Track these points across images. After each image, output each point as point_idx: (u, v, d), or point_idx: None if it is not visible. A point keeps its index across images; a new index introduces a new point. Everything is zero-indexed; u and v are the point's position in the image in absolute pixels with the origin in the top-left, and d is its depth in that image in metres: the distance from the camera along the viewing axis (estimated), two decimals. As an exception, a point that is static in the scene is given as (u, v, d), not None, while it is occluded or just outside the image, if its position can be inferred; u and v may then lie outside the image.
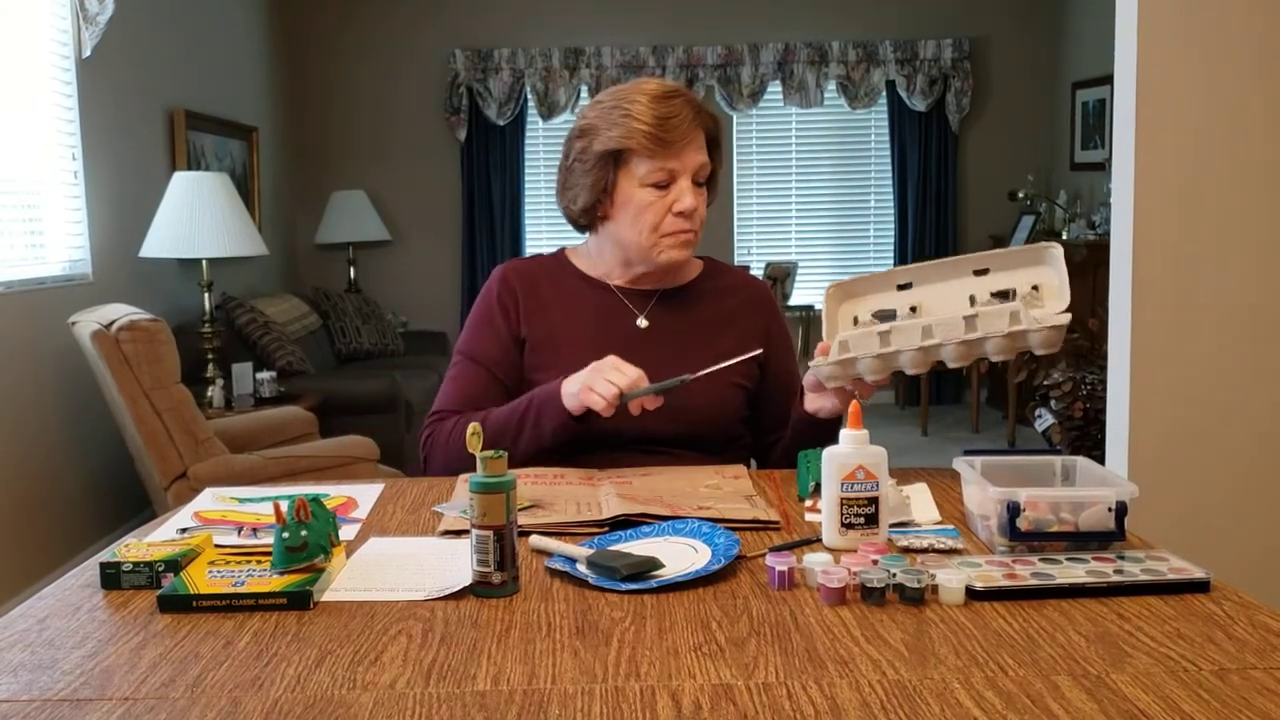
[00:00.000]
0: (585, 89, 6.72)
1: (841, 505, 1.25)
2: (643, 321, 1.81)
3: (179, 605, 1.12)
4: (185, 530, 1.38)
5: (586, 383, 1.59)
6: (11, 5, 3.66)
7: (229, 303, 4.93)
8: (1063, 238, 6.05)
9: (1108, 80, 5.70)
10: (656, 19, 6.77)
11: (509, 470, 1.17)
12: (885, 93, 6.81)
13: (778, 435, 1.81)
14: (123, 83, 4.41)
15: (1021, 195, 6.38)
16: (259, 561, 1.21)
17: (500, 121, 6.72)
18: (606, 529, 1.35)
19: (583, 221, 1.81)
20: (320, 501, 1.22)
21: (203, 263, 4.32)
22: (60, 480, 3.85)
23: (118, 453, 3.90)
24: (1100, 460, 2.48)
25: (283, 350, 4.88)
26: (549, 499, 1.45)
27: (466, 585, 1.15)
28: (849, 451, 1.26)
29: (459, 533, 1.34)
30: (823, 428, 1.65)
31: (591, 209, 1.76)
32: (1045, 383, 4.61)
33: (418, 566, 1.23)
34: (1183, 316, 2.38)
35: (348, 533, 1.36)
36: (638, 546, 1.26)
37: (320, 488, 1.60)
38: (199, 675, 0.96)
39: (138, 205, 4.42)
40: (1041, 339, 1.44)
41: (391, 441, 4.50)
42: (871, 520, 1.25)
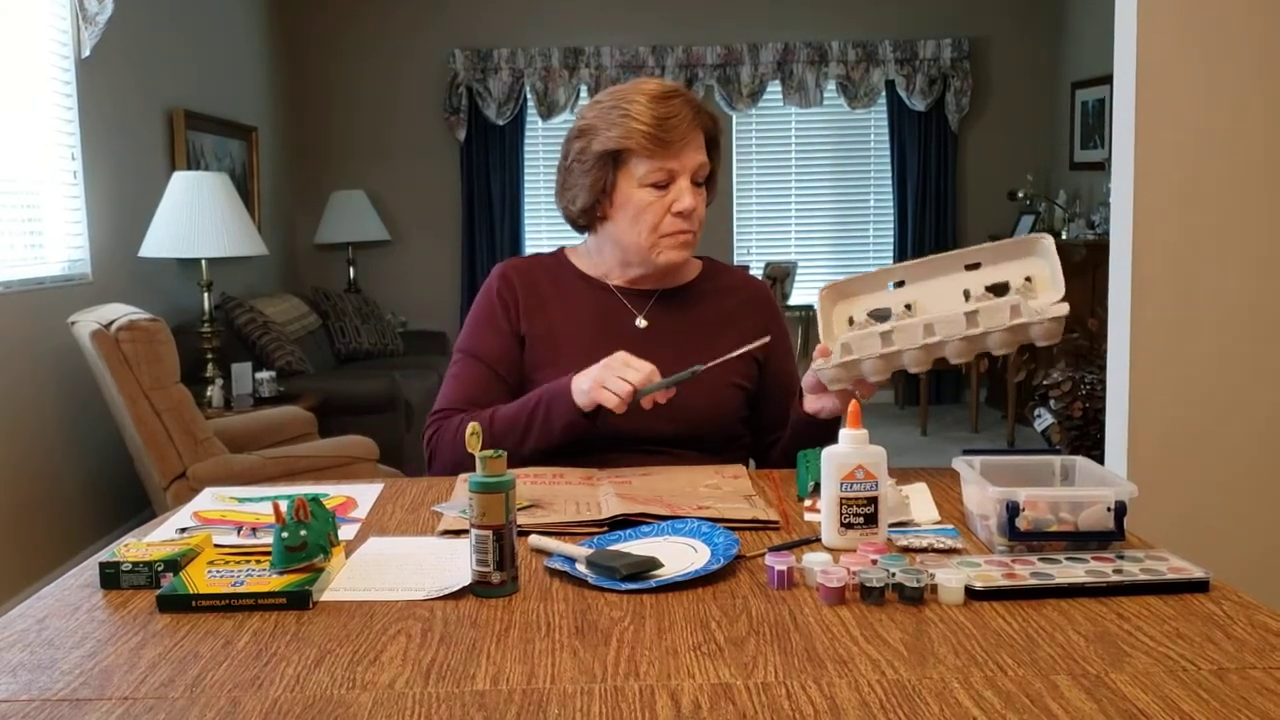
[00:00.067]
0: (585, 89, 6.72)
1: (841, 505, 1.25)
2: (642, 321, 1.81)
3: (178, 605, 1.12)
4: (184, 530, 1.38)
5: (599, 380, 1.58)
6: (11, 5, 3.65)
7: (228, 303, 4.93)
8: (1062, 237, 6.05)
9: (1107, 80, 5.70)
10: (656, 19, 6.77)
11: (508, 470, 1.17)
12: (885, 92, 6.81)
13: (777, 435, 1.81)
14: (122, 83, 4.41)
15: (1021, 195, 6.38)
16: (258, 561, 1.21)
17: (500, 121, 6.72)
18: (606, 529, 1.35)
19: (582, 222, 1.81)
20: (319, 501, 1.22)
21: (202, 263, 4.32)
22: (60, 480, 3.85)
23: (117, 453, 3.89)
24: (1099, 460, 2.48)
25: (282, 350, 4.88)
26: (548, 499, 1.45)
27: (466, 585, 1.15)
28: (848, 451, 1.26)
29: (458, 532, 1.34)
30: (823, 428, 1.65)
31: (590, 209, 1.76)
32: (1045, 382, 4.61)
33: (417, 566, 1.23)
34: (1182, 316, 2.38)
35: (347, 532, 1.36)
36: (637, 546, 1.26)
37: (319, 487, 1.60)
38: (198, 675, 0.96)
39: (137, 205, 4.42)
40: (1043, 331, 1.45)
41: (391, 441, 4.50)
42: (871, 520, 1.25)
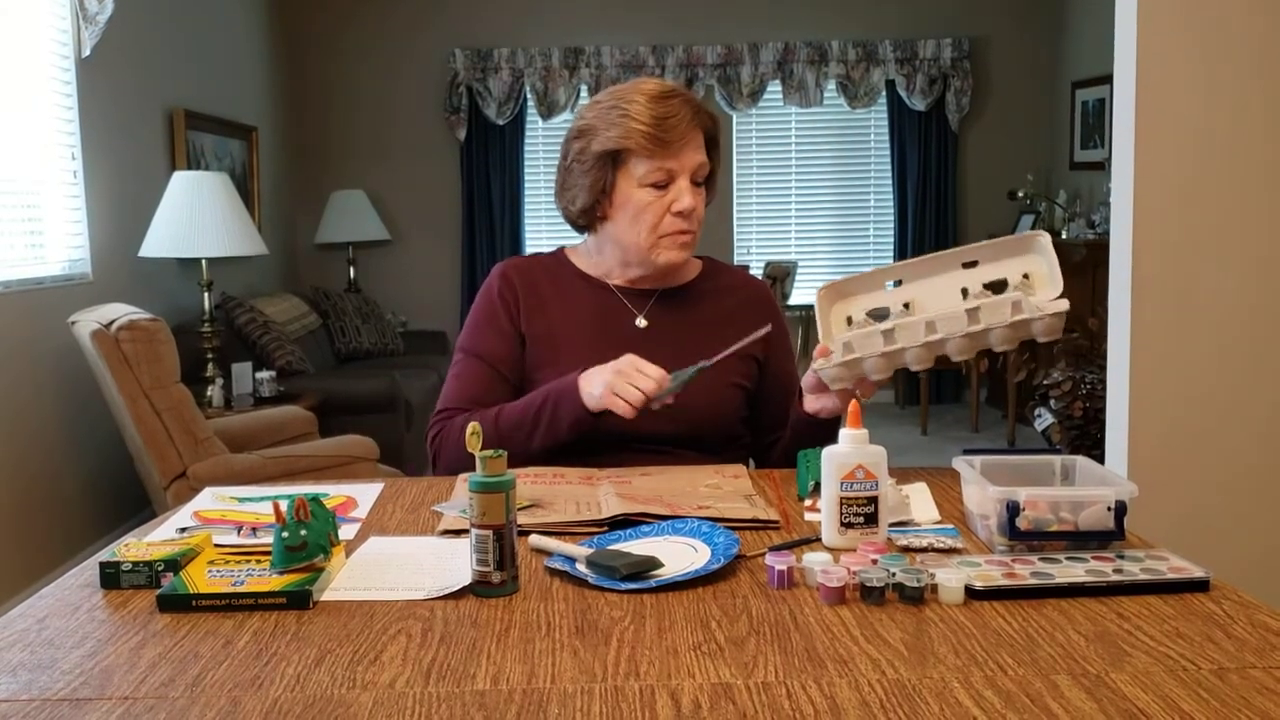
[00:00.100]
0: (585, 88, 6.72)
1: (841, 504, 1.25)
2: (642, 321, 1.81)
3: (178, 605, 1.12)
4: (185, 530, 1.38)
5: (611, 386, 1.58)
6: (11, 5, 3.65)
7: (229, 302, 4.93)
8: (1062, 237, 6.05)
9: (1107, 80, 5.70)
10: (656, 18, 6.77)
11: (508, 470, 1.17)
12: (885, 92, 6.81)
13: (777, 435, 1.81)
14: (122, 82, 4.41)
15: (1021, 195, 6.38)
16: (258, 561, 1.21)
17: (500, 121, 6.72)
18: (606, 528, 1.35)
19: (582, 222, 1.81)
20: (320, 501, 1.22)
21: (202, 262, 4.32)
22: (60, 480, 3.85)
23: (117, 452, 3.89)
24: (1100, 460, 2.48)
25: (282, 350, 4.88)
26: (548, 499, 1.45)
27: (466, 585, 1.15)
28: (848, 451, 1.26)
29: (458, 532, 1.34)
30: (823, 428, 1.65)
31: (590, 210, 1.76)
32: (1045, 382, 4.61)
33: (417, 566, 1.23)
34: (1182, 316, 2.38)
35: (347, 532, 1.36)
36: (637, 546, 1.26)
37: (320, 487, 1.60)
38: (198, 675, 0.96)
39: (137, 205, 4.42)
40: (1044, 326, 1.45)
41: (391, 441, 4.50)
42: (871, 520, 1.25)
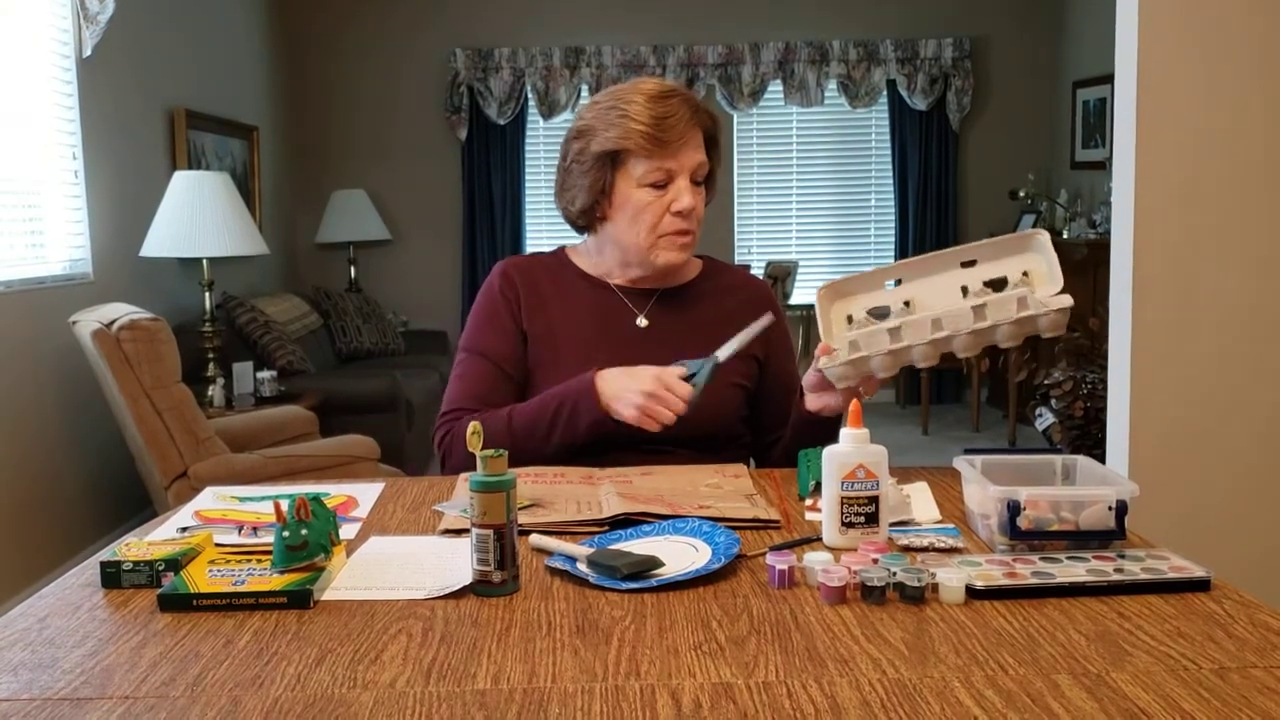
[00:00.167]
0: (585, 88, 6.72)
1: (842, 504, 1.25)
2: (642, 321, 1.81)
3: (179, 604, 1.12)
4: (186, 529, 1.38)
5: (643, 409, 1.60)
6: (11, 5, 3.66)
7: (229, 302, 4.93)
8: (1063, 236, 6.05)
9: (1108, 79, 5.69)
10: (657, 18, 6.77)
11: (509, 469, 1.17)
12: (886, 92, 6.80)
13: (777, 435, 1.81)
14: (123, 82, 4.41)
15: (1022, 194, 6.38)
16: (259, 560, 1.21)
17: (501, 121, 6.72)
18: (607, 528, 1.35)
19: (581, 222, 1.81)
20: (320, 500, 1.22)
21: (203, 262, 4.32)
22: (60, 480, 3.85)
23: (118, 452, 3.90)
24: (1101, 459, 2.47)
25: (283, 349, 4.88)
26: (549, 498, 1.45)
27: (467, 584, 1.15)
28: (849, 450, 1.26)
29: (459, 532, 1.34)
30: (825, 426, 1.65)
31: (590, 210, 1.76)
32: (1046, 382, 4.61)
33: (418, 565, 1.23)
34: (1183, 316, 2.38)
35: (348, 532, 1.36)
36: (638, 545, 1.26)
37: (320, 487, 1.60)
38: (199, 674, 0.96)
39: (138, 204, 4.42)
40: (1049, 322, 1.47)
41: (392, 441, 4.50)
42: (872, 519, 1.25)
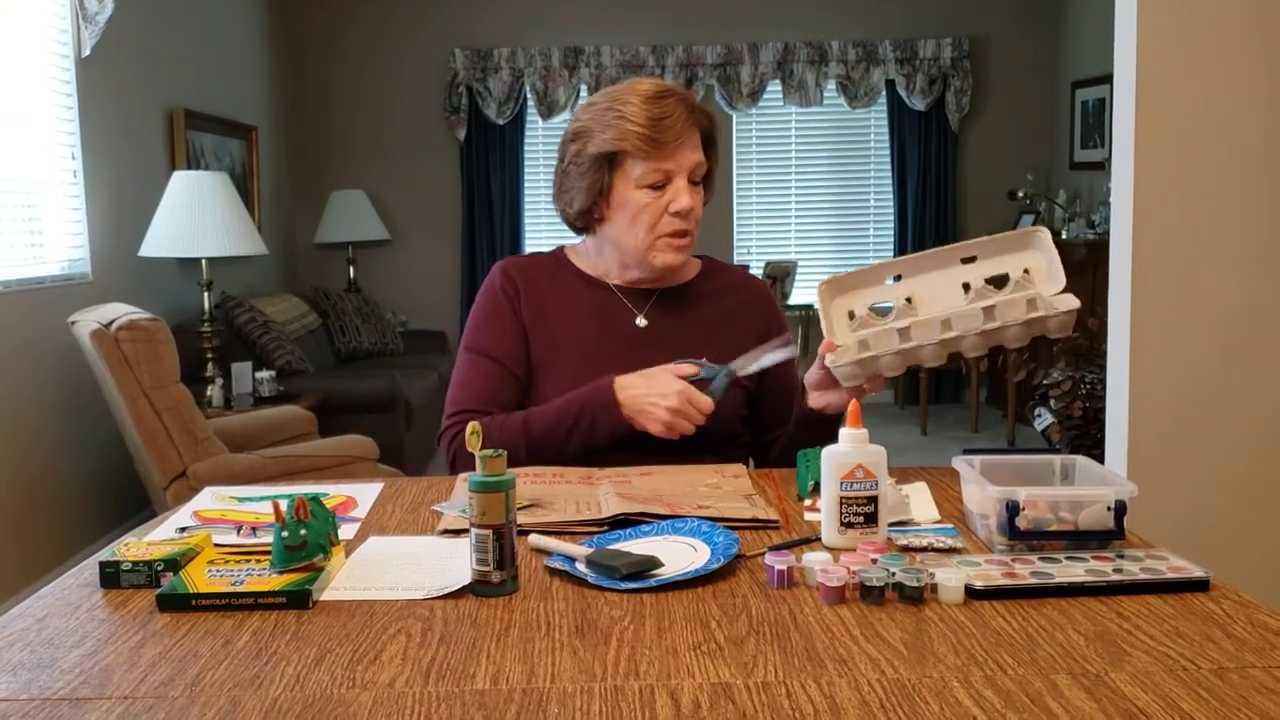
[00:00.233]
0: (585, 88, 6.72)
1: (841, 504, 1.25)
2: (642, 321, 1.81)
3: (178, 604, 1.12)
4: (184, 529, 1.38)
5: (669, 426, 1.62)
6: (11, 5, 3.65)
7: (228, 302, 4.93)
8: (1062, 236, 6.05)
9: (1107, 79, 5.70)
10: (656, 18, 6.77)
11: (508, 469, 1.17)
12: (885, 92, 6.81)
13: (777, 434, 1.81)
14: (122, 82, 4.41)
15: (1021, 194, 6.38)
16: (258, 561, 1.21)
17: (500, 121, 6.72)
18: (606, 528, 1.35)
19: (580, 224, 1.81)
20: (319, 500, 1.22)
21: (202, 262, 4.32)
22: (60, 480, 3.85)
23: (117, 452, 3.89)
24: (1100, 459, 2.47)
25: (282, 349, 4.88)
26: (548, 498, 1.45)
27: (466, 584, 1.15)
28: (848, 450, 1.26)
29: (458, 532, 1.34)
30: (828, 424, 1.65)
31: (588, 212, 1.76)
32: (1045, 382, 4.61)
33: (417, 565, 1.23)
34: (1182, 316, 2.38)
35: (347, 532, 1.36)
36: (637, 545, 1.26)
37: (319, 487, 1.60)
38: (198, 674, 0.96)
39: (137, 204, 4.42)
40: (1058, 323, 1.47)
41: (391, 441, 4.50)
42: (871, 519, 1.25)
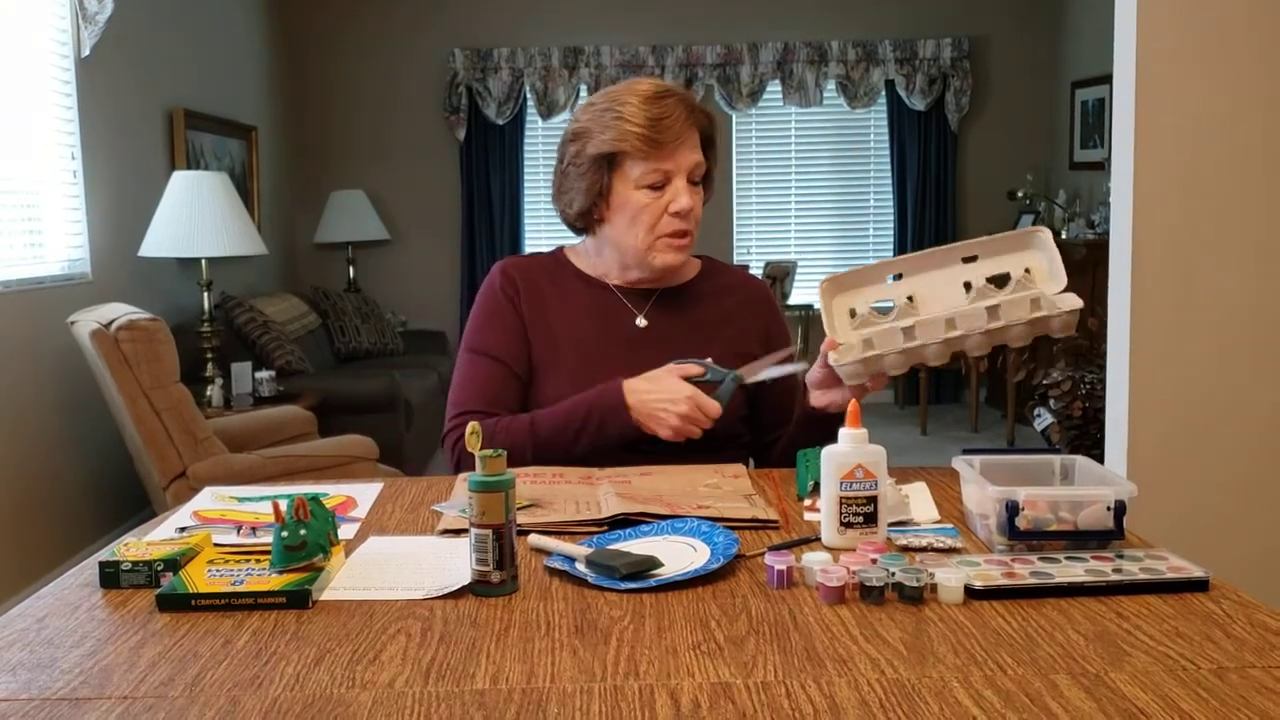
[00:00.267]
0: (584, 88, 6.72)
1: (840, 504, 1.25)
2: (642, 321, 1.81)
3: (178, 604, 1.12)
4: (184, 529, 1.38)
5: (678, 431, 1.64)
6: (11, 5, 3.65)
7: (228, 302, 4.93)
8: (1062, 237, 6.05)
9: (1107, 79, 5.69)
10: (656, 18, 6.77)
11: (508, 469, 1.17)
12: (884, 92, 6.81)
13: (777, 434, 1.81)
14: (122, 82, 4.41)
15: (1021, 194, 6.38)
16: (258, 560, 1.21)
17: (499, 121, 6.72)
18: (605, 528, 1.35)
19: (579, 225, 1.81)
20: (319, 500, 1.22)
21: (202, 262, 4.32)
22: (60, 480, 3.85)
23: (117, 452, 3.89)
24: (1099, 459, 2.47)
25: (282, 349, 4.88)
26: (548, 498, 1.45)
27: (465, 584, 1.15)
28: (848, 450, 1.26)
29: (458, 532, 1.34)
30: (831, 422, 1.65)
31: (588, 213, 1.76)
32: (1044, 382, 4.61)
33: (417, 565, 1.23)
34: (1182, 316, 2.38)
35: (347, 532, 1.36)
36: (637, 545, 1.26)
37: (319, 487, 1.60)
38: (198, 674, 0.96)
39: (137, 204, 4.42)
40: (1061, 323, 1.48)
41: (390, 441, 4.50)
42: (870, 519, 1.25)
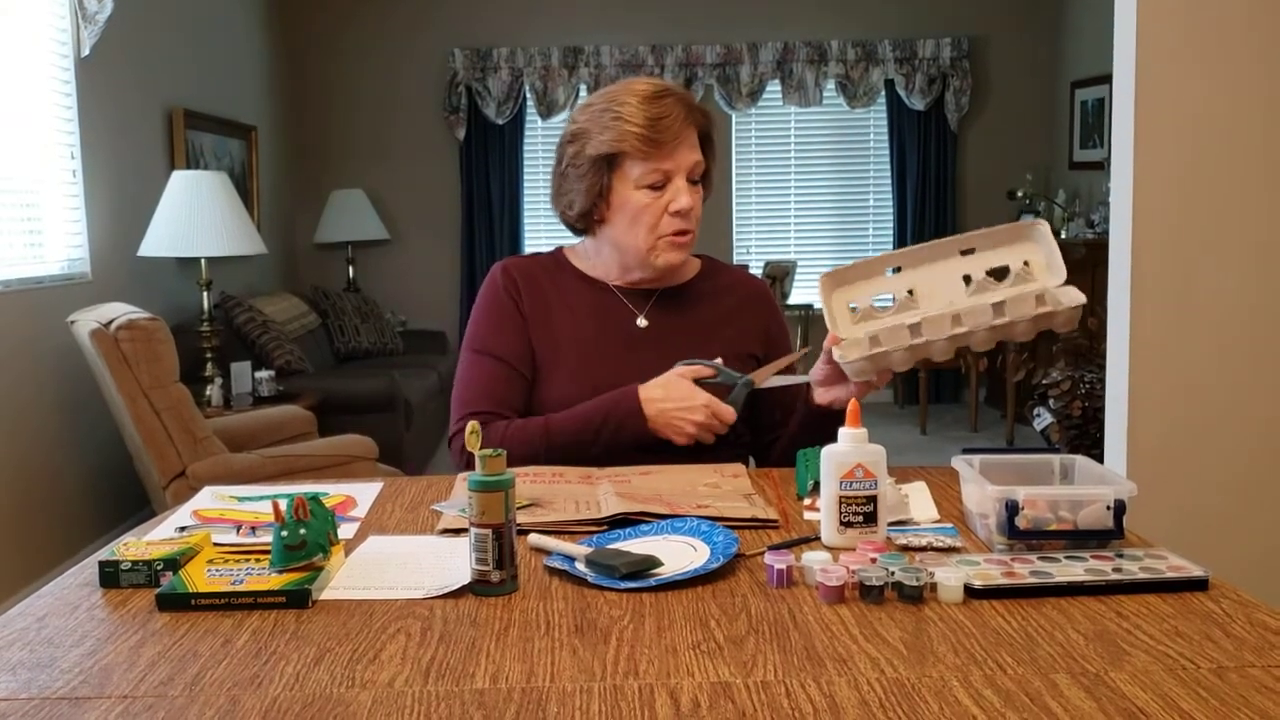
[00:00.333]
0: (584, 88, 6.72)
1: (840, 503, 1.25)
2: (642, 321, 1.81)
3: (178, 604, 1.12)
4: (184, 529, 1.38)
5: (693, 437, 1.67)
6: (11, 5, 3.65)
7: (228, 302, 4.93)
8: (1062, 236, 6.05)
9: (1107, 79, 5.69)
10: (656, 18, 6.77)
11: (508, 469, 1.17)
12: (884, 92, 6.81)
13: (777, 434, 1.81)
14: (122, 82, 4.41)
15: (1020, 194, 6.38)
16: (258, 560, 1.21)
17: (499, 120, 6.72)
18: (605, 527, 1.35)
19: (579, 226, 1.80)
20: (319, 500, 1.22)
21: (201, 262, 4.31)
22: (59, 479, 3.85)
23: (117, 452, 3.89)
24: (1099, 459, 2.48)
25: (281, 349, 4.88)
26: (548, 497, 1.45)
27: (465, 584, 1.15)
28: (847, 450, 1.26)
29: (458, 531, 1.34)
30: (834, 420, 1.65)
31: (588, 214, 1.76)
32: (1044, 381, 4.60)
33: (416, 565, 1.23)
34: (1182, 315, 2.38)
35: (346, 531, 1.36)
36: (636, 545, 1.26)
37: (319, 486, 1.60)
38: (197, 674, 0.96)
39: (136, 204, 4.42)
40: (1065, 319, 1.49)
41: (390, 440, 4.50)
42: (870, 519, 1.25)
